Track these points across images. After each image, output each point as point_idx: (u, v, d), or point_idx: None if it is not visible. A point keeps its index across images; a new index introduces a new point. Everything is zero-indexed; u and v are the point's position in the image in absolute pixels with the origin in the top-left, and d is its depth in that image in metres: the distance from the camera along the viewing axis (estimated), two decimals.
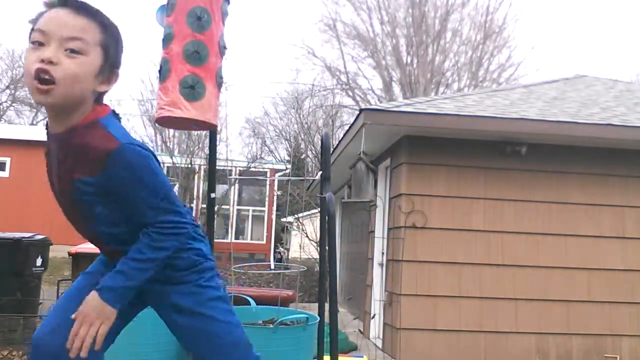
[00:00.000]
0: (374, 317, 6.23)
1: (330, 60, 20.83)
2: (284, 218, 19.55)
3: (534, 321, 5.40)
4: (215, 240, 3.59)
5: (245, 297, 3.76)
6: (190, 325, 1.83)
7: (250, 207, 19.17)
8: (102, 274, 1.82)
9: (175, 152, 14.92)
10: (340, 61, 20.23)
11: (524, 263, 5.46)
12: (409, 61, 19.44)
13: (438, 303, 5.35)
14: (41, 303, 5.62)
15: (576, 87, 7.65)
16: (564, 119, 5.49)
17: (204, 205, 11.22)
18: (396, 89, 19.64)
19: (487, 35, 19.28)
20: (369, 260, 6.59)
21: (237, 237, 18.32)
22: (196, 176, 14.86)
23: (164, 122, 2.91)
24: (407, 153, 5.55)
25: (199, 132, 12.67)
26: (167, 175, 13.83)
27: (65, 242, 8.44)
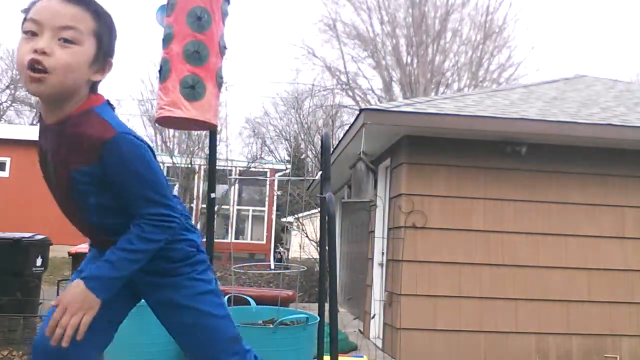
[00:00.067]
0: (374, 317, 6.23)
1: (330, 60, 20.86)
2: (284, 218, 19.55)
3: (534, 321, 5.40)
4: (215, 240, 3.58)
5: (245, 297, 3.76)
6: (181, 318, 1.81)
7: (250, 207, 19.18)
8: None
9: (175, 152, 14.92)
10: (340, 61, 20.26)
11: (524, 263, 5.46)
12: (409, 61, 19.44)
13: (438, 303, 5.35)
14: (41, 303, 5.62)
15: (576, 87, 7.65)
16: (564, 119, 5.49)
17: (204, 205, 11.22)
18: (396, 89, 19.65)
19: (487, 35, 19.28)
20: (369, 260, 6.59)
21: (237, 237, 18.32)
22: (196, 176, 14.86)
23: (164, 122, 2.91)
24: (407, 153, 5.55)
25: (199, 132, 12.67)
26: (167, 175, 13.87)
27: (65, 242, 8.44)
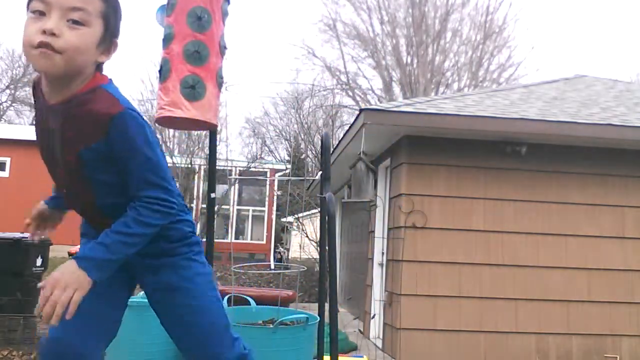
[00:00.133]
0: (374, 317, 6.23)
1: (330, 60, 20.88)
2: (284, 218, 19.55)
3: (534, 321, 5.40)
4: (215, 240, 3.58)
5: (245, 297, 3.76)
6: (179, 299, 1.80)
7: (250, 207, 19.19)
8: None
9: (175, 152, 14.91)
10: (340, 61, 20.28)
11: (524, 263, 5.46)
12: (409, 61, 19.45)
13: (438, 303, 5.35)
14: None
15: (576, 87, 7.65)
16: (564, 119, 5.49)
17: (204, 205, 11.21)
18: (396, 89, 19.66)
19: (487, 35, 19.28)
20: (369, 260, 6.59)
21: (237, 237, 18.34)
22: (196, 176, 14.84)
23: (164, 122, 2.91)
24: (407, 153, 5.55)
25: (199, 132, 12.67)
26: None
27: (65, 242, 8.43)
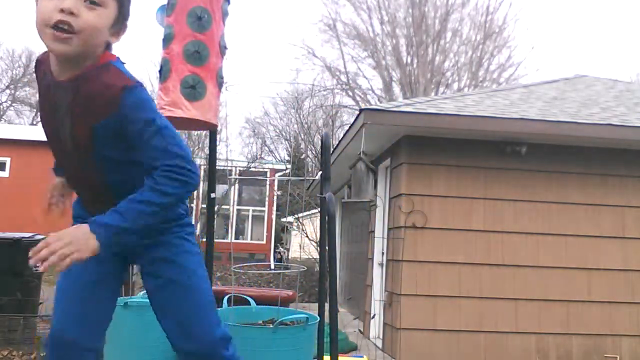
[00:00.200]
0: (374, 317, 6.23)
1: (330, 60, 20.87)
2: (284, 218, 19.54)
3: (534, 321, 5.40)
4: (215, 240, 3.58)
5: (245, 297, 3.75)
6: (169, 275, 1.80)
7: (250, 207, 19.19)
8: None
9: None
10: (340, 61, 20.28)
11: (524, 263, 5.46)
12: (409, 61, 19.45)
13: (438, 303, 5.35)
14: (41, 303, 5.61)
15: (576, 87, 7.66)
16: (564, 119, 5.49)
17: (204, 205, 11.21)
18: (396, 89, 19.66)
19: (487, 35, 19.29)
20: (369, 260, 6.59)
21: (237, 237, 18.34)
22: None
23: None
24: (407, 153, 5.55)
25: (199, 132, 12.66)
26: None
27: None
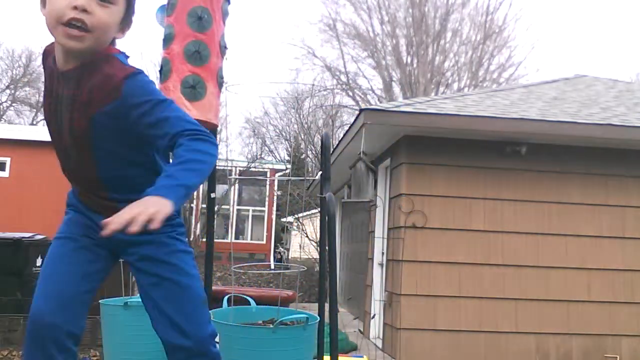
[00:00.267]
0: (374, 317, 6.23)
1: (330, 60, 20.85)
2: (284, 218, 19.54)
3: (534, 321, 5.40)
4: (215, 240, 3.58)
5: (245, 297, 3.75)
6: (159, 273, 1.81)
7: (250, 207, 19.17)
8: (86, 236, 1.81)
9: None
10: (340, 61, 20.26)
11: (524, 263, 5.46)
12: (409, 61, 19.45)
13: (438, 303, 5.35)
14: None
15: (576, 87, 7.66)
16: (564, 119, 5.49)
17: (204, 205, 11.21)
18: (396, 89, 19.65)
19: (487, 35, 19.28)
20: (369, 260, 6.59)
21: (237, 237, 18.32)
22: None
23: None
24: (407, 153, 5.55)
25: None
26: None
27: None
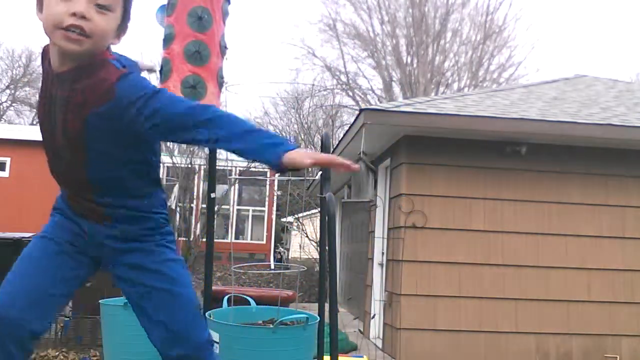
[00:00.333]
0: (374, 317, 6.23)
1: (330, 60, 20.82)
2: (284, 218, 19.54)
3: (534, 321, 5.40)
4: (215, 240, 3.58)
5: (245, 297, 3.75)
6: (149, 282, 1.81)
7: (250, 207, 19.17)
8: (69, 243, 1.81)
9: (175, 152, 14.89)
10: (340, 61, 20.24)
11: (524, 263, 5.46)
12: (409, 61, 19.43)
13: (438, 303, 5.35)
14: None
15: (576, 87, 7.66)
16: (564, 119, 5.49)
17: (204, 205, 11.21)
18: (396, 89, 19.63)
19: (487, 35, 19.27)
20: (369, 260, 6.59)
21: (237, 237, 18.32)
22: (196, 176, 14.83)
23: None
24: (407, 153, 5.55)
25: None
26: (167, 175, 13.85)
27: None
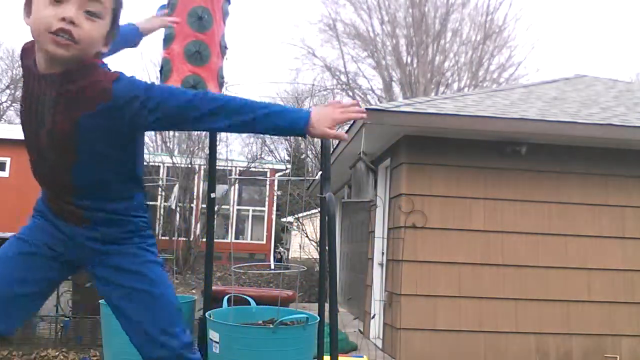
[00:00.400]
0: (374, 317, 6.23)
1: (330, 60, 20.82)
2: (284, 218, 19.53)
3: (534, 321, 5.40)
4: (215, 240, 3.58)
5: (245, 297, 3.75)
6: (130, 284, 1.81)
7: (250, 207, 19.15)
8: (47, 246, 1.81)
9: (175, 152, 14.89)
10: (340, 61, 20.24)
11: (524, 263, 5.46)
12: (409, 61, 19.43)
13: (438, 303, 5.35)
14: None
15: (576, 87, 7.66)
16: (564, 119, 5.49)
17: (204, 205, 11.21)
18: (396, 89, 19.63)
19: (487, 35, 19.26)
20: (369, 260, 6.59)
21: (237, 237, 18.30)
22: (196, 176, 14.83)
23: None
24: (407, 153, 5.55)
25: (199, 132, 12.65)
26: (167, 175, 13.84)
27: None
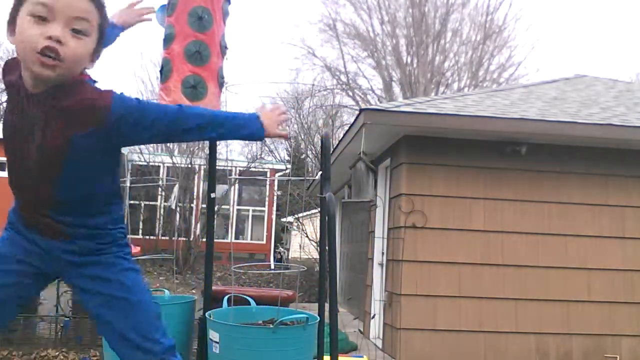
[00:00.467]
0: (374, 317, 6.23)
1: (330, 60, 20.83)
2: (284, 218, 19.54)
3: (534, 321, 5.40)
4: (215, 240, 3.58)
5: (245, 297, 3.75)
6: (109, 292, 1.81)
7: (250, 207, 19.15)
8: (18, 260, 1.78)
9: (175, 152, 14.89)
10: (340, 61, 20.25)
11: (524, 263, 5.46)
12: (409, 61, 19.43)
13: (438, 303, 5.35)
14: (41, 304, 5.60)
15: (576, 87, 7.66)
16: (564, 119, 5.49)
17: (204, 205, 11.21)
18: (396, 89, 19.64)
19: (487, 35, 19.27)
20: (369, 260, 6.59)
21: (237, 237, 18.30)
22: (196, 176, 14.83)
23: None
24: (407, 153, 5.55)
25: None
26: (167, 175, 13.84)
27: None
